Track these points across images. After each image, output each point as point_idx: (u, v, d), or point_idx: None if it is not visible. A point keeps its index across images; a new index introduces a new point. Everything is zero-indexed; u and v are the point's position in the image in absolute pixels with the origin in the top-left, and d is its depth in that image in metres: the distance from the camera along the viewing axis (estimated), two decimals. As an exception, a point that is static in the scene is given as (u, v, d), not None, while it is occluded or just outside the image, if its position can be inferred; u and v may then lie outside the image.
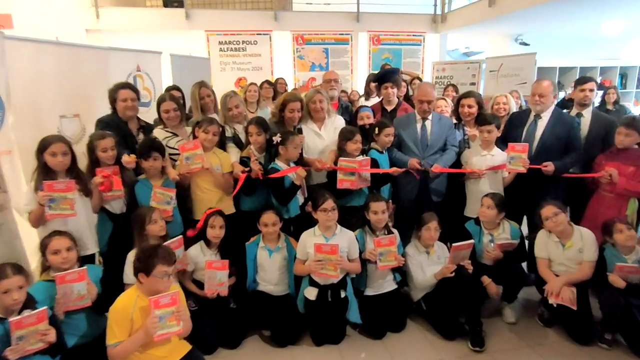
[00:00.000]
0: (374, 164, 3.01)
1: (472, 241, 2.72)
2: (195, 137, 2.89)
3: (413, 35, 7.19)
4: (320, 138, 3.24)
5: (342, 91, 4.88)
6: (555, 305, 2.54)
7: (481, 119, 3.14)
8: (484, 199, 2.92)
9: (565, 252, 2.67)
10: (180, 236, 2.61)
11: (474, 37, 8.37)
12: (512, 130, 3.26)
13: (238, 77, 6.66)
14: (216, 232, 2.61)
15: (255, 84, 4.87)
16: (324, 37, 6.86)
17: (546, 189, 3.06)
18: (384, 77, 3.89)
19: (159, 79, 4.74)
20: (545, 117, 3.19)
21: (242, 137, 3.16)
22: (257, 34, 6.68)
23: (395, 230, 2.88)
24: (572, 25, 6.70)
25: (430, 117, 3.25)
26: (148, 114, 3.73)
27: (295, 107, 3.14)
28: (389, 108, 3.81)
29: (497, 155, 3.12)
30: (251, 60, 6.73)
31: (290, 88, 5.68)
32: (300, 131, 3.18)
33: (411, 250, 2.89)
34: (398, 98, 3.89)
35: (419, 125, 3.26)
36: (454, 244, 2.66)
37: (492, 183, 3.13)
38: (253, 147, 2.99)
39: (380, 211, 2.72)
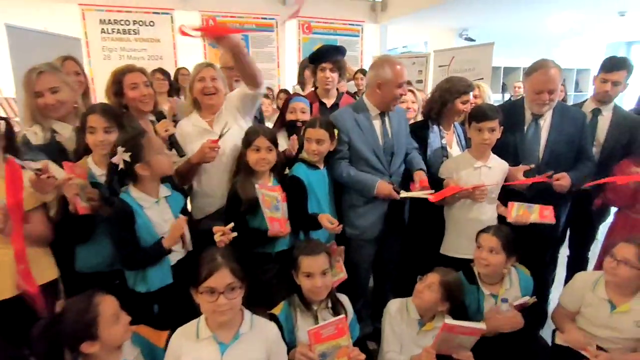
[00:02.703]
0: (293, 190, 1.94)
1: (482, 327, 1.63)
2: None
3: (350, 25, 6.24)
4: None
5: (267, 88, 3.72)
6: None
7: (480, 114, 2.13)
8: (483, 237, 1.89)
9: (614, 316, 1.71)
10: None
11: (416, 32, 7.68)
12: (505, 132, 2.29)
13: (129, 68, 5.14)
14: None
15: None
16: (243, 21, 5.63)
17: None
18: (323, 54, 2.75)
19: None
20: (547, 114, 2.28)
21: (70, 142, 1.90)
22: (154, 13, 5.26)
23: (344, 299, 1.72)
24: (518, 20, 6.21)
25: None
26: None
27: (139, 81, 2.08)
28: (328, 102, 2.68)
29: (496, 167, 2.11)
30: (147, 46, 5.29)
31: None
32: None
33: (396, 313, 1.84)
34: (338, 91, 2.78)
35: (375, 123, 2.15)
36: (447, 321, 1.58)
37: (489, 208, 2.11)
38: (90, 158, 1.79)
39: (317, 272, 1.56)
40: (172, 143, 2.04)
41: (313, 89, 2.84)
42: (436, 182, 2.17)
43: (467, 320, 1.71)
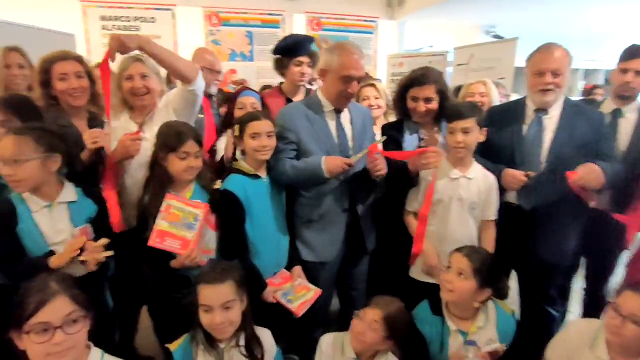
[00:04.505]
0: (225, 209, 1.67)
1: None
2: None
3: (363, 21, 5.92)
4: (142, 141, 1.82)
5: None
6: None
7: (451, 112, 1.82)
8: (453, 256, 1.58)
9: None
10: None
11: (437, 29, 7.24)
12: (499, 133, 1.92)
13: (130, 66, 5.07)
14: None
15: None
16: (247, 17, 5.44)
17: (557, 220, 1.87)
18: (300, 46, 2.48)
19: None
20: (554, 111, 1.90)
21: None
22: (155, 9, 5.17)
23: (264, 335, 1.44)
24: (554, 14, 5.65)
25: (346, 108, 1.87)
26: None
27: (69, 70, 1.83)
28: (296, 98, 2.39)
29: (478, 178, 1.77)
30: (147, 43, 5.18)
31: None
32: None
33: (328, 349, 1.57)
34: (310, 85, 2.50)
35: (330, 122, 1.85)
36: None
37: (471, 225, 1.77)
38: None
39: (217, 305, 1.29)
40: (99, 157, 1.81)
41: (278, 84, 2.58)
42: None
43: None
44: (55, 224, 1.47)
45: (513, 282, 2.03)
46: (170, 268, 1.52)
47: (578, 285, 2.42)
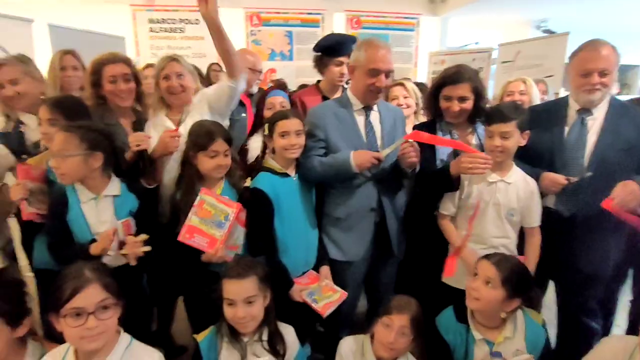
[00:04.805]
0: (255, 207, 1.71)
1: None
2: None
3: (404, 18, 5.83)
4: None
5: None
6: None
7: (491, 114, 1.75)
8: (481, 264, 1.52)
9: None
10: None
11: (484, 25, 6.99)
12: (538, 135, 1.84)
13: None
14: None
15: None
16: (287, 17, 5.53)
17: (598, 228, 1.77)
18: (342, 46, 2.50)
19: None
20: (599, 112, 1.80)
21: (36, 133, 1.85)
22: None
23: (287, 332, 1.46)
24: (613, 8, 5.28)
25: (376, 106, 1.85)
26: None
27: (118, 73, 1.94)
28: (334, 97, 2.42)
29: (517, 183, 1.73)
30: (191, 44, 5.42)
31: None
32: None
33: (349, 354, 1.57)
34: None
35: (359, 120, 1.85)
36: None
37: (508, 230, 1.74)
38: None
39: (240, 300, 1.34)
40: (141, 158, 1.90)
41: (315, 82, 2.60)
42: None
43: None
44: (100, 215, 1.58)
45: (550, 293, 1.94)
46: (201, 263, 1.59)
47: (627, 297, 2.27)
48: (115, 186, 1.64)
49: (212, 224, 1.55)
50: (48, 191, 1.70)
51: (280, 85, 4.18)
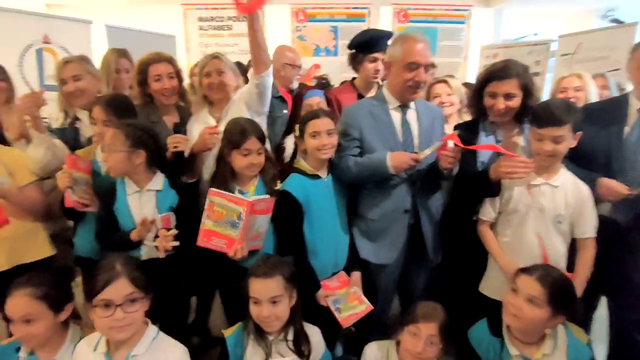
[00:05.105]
0: (283, 210, 1.69)
1: None
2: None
3: (454, 10, 5.60)
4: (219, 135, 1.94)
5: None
6: None
7: (541, 116, 1.60)
8: (522, 280, 1.43)
9: None
10: None
11: (544, 16, 6.55)
12: (594, 135, 1.70)
13: (222, 63, 5.46)
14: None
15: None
16: (333, 13, 5.49)
17: None
18: (377, 42, 2.46)
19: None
20: (664, 109, 1.62)
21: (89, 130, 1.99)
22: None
23: (313, 332, 1.46)
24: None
25: (413, 104, 1.79)
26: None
27: (162, 71, 2.05)
28: (369, 95, 2.38)
29: (566, 187, 1.61)
30: (238, 41, 5.53)
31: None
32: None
33: (372, 358, 1.51)
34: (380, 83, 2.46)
35: (395, 119, 1.81)
36: None
37: (556, 240, 1.64)
38: (99, 148, 1.86)
39: (265, 299, 1.34)
40: (178, 159, 1.98)
41: (350, 79, 2.57)
42: None
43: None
44: (143, 208, 1.67)
45: (602, 308, 1.79)
46: (229, 260, 1.62)
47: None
48: (158, 181, 1.73)
49: (227, 224, 1.54)
50: (92, 182, 1.82)
51: (321, 83, 4.17)
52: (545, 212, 1.63)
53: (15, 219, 1.76)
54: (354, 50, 2.52)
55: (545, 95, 3.49)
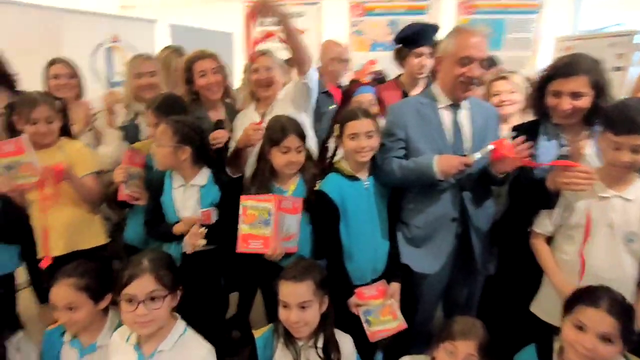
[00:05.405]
0: (319, 211, 1.68)
1: None
2: (13, 130, 1.83)
3: None
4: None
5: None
6: None
7: (620, 120, 1.38)
8: (589, 314, 1.26)
9: None
10: None
11: (628, 4, 5.88)
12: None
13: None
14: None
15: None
16: (392, 6, 5.33)
17: None
18: (422, 35, 2.35)
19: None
20: None
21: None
22: (305, 4, 5.47)
23: (344, 340, 1.42)
24: None
25: (466, 102, 1.67)
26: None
27: (207, 67, 2.08)
28: (414, 92, 2.27)
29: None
30: (295, 37, 5.55)
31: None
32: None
33: None
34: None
35: (446, 116, 1.70)
36: None
37: (612, 256, 1.44)
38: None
39: (294, 304, 1.32)
40: (220, 156, 2.02)
41: (395, 76, 2.46)
42: None
43: None
44: (186, 202, 1.74)
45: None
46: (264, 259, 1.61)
47: None
48: (203, 176, 1.78)
49: (261, 224, 1.54)
50: (146, 176, 1.91)
51: (377, 79, 4.06)
52: (615, 229, 1.44)
53: (73, 207, 1.88)
54: (399, 45, 2.42)
55: (628, 92, 3.12)
